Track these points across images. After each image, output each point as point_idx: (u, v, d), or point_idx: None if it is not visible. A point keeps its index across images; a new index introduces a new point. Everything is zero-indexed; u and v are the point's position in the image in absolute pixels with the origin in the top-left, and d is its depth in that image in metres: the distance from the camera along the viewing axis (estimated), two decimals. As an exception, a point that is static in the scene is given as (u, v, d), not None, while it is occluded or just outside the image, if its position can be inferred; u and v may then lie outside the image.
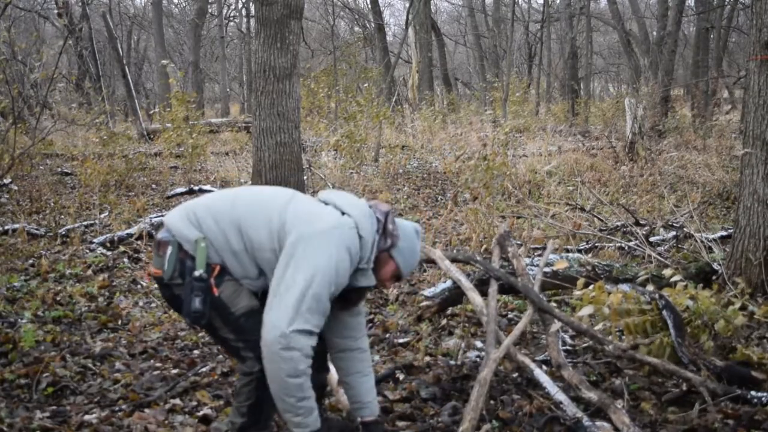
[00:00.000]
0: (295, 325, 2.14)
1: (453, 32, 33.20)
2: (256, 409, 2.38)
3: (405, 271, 2.46)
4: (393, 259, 2.42)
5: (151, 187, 9.13)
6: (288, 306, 2.16)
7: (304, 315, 2.15)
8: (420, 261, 2.66)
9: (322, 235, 2.24)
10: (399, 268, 2.43)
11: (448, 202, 7.70)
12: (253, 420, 2.40)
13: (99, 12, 18.90)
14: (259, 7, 6.25)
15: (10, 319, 4.05)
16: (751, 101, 4.24)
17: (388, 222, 2.41)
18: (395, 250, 2.41)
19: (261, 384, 2.31)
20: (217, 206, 2.36)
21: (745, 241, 4.27)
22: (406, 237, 2.43)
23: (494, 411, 2.89)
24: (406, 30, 20.70)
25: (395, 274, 2.46)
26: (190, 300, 2.25)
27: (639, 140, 10.39)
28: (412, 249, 2.45)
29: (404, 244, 2.42)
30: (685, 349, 3.14)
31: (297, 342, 2.14)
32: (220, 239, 2.30)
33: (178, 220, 2.36)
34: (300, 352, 2.15)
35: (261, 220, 2.30)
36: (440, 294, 4.08)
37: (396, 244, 2.41)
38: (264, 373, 2.29)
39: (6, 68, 9.28)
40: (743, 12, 19.32)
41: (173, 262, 2.29)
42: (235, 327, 2.33)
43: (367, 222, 2.34)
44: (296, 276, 2.18)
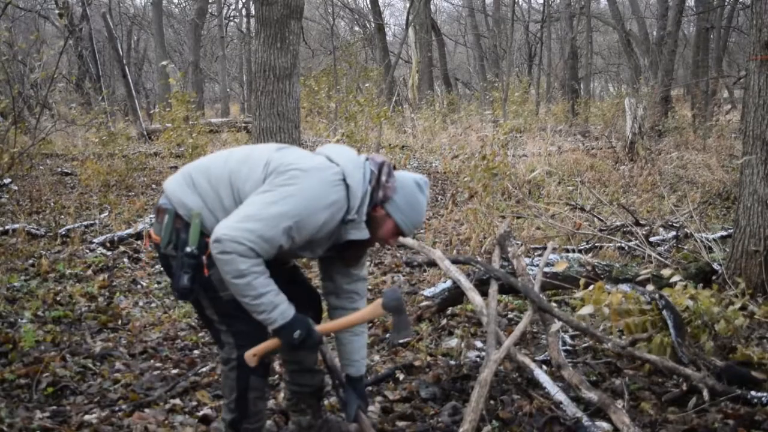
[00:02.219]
0: (232, 234, 2.10)
1: (453, 32, 33.21)
2: (241, 401, 2.39)
3: (405, 228, 2.33)
4: (390, 215, 2.31)
5: (151, 187, 9.13)
6: (236, 216, 2.14)
7: (246, 230, 2.10)
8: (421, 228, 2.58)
9: (300, 172, 2.19)
10: (397, 224, 2.32)
11: (448, 202, 7.70)
12: (242, 413, 2.40)
13: (99, 12, 18.89)
14: (259, 7, 6.25)
15: (10, 319, 4.05)
16: (751, 101, 4.24)
17: (381, 173, 2.30)
18: (390, 204, 2.30)
19: (241, 372, 2.34)
20: (211, 165, 2.35)
21: (745, 241, 4.27)
22: (404, 190, 2.31)
23: (494, 411, 2.89)
24: (406, 30, 20.71)
25: (395, 231, 2.34)
26: (180, 275, 2.24)
27: (639, 140, 10.39)
28: (411, 204, 2.32)
29: (401, 198, 2.30)
30: (685, 349, 3.14)
31: (230, 247, 2.10)
32: (213, 198, 2.27)
33: (175, 184, 2.34)
34: (235, 254, 2.10)
35: (251, 169, 2.26)
36: (440, 294, 4.08)
37: (390, 198, 2.29)
38: (242, 359, 2.33)
39: (6, 68, 9.28)
40: (743, 12, 19.31)
41: (169, 231, 2.28)
42: (221, 311, 2.33)
43: (356, 171, 2.25)
44: (259, 197, 2.17)
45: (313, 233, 2.21)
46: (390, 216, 2.31)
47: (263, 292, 2.15)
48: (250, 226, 2.11)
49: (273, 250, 2.16)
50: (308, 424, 2.68)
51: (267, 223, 2.12)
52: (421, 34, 19.85)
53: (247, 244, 2.10)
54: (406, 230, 2.34)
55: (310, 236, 2.21)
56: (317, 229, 2.20)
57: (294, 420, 2.72)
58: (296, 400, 2.69)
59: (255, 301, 2.16)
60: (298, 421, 2.70)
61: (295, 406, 2.70)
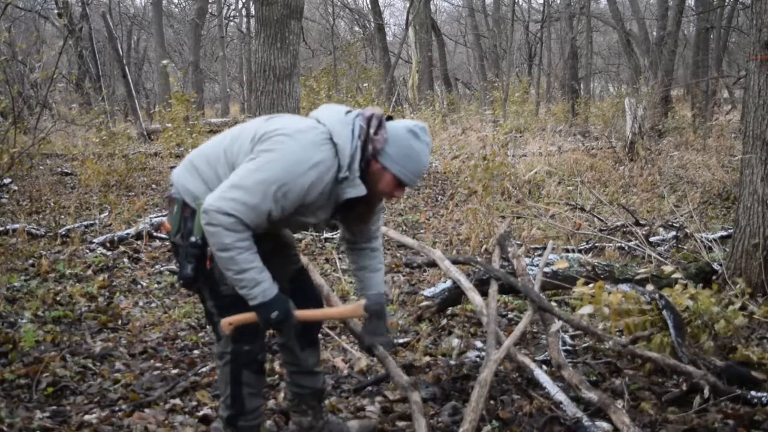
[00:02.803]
0: (218, 204, 2.10)
1: (453, 32, 33.20)
2: (236, 397, 2.41)
3: (404, 178, 2.27)
4: (385, 168, 2.25)
5: (151, 187, 9.13)
6: (223, 186, 2.15)
7: (231, 199, 2.11)
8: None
9: (284, 136, 2.18)
10: (395, 175, 2.26)
11: (448, 202, 7.70)
12: (238, 409, 2.42)
13: (99, 12, 18.89)
14: (259, 7, 6.25)
15: (10, 319, 4.05)
16: (751, 101, 4.24)
17: (370, 126, 2.24)
18: (384, 157, 2.24)
19: (234, 366, 2.37)
20: (209, 147, 2.36)
21: (745, 241, 4.27)
22: (396, 140, 2.24)
23: (494, 411, 2.89)
24: (406, 30, 20.71)
25: (395, 183, 2.28)
26: (184, 265, 2.27)
27: (639, 140, 10.39)
28: (405, 153, 2.24)
29: (394, 148, 2.24)
30: (685, 349, 3.14)
31: (216, 219, 2.10)
32: (214, 180, 2.27)
33: (179, 173, 2.36)
34: (222, 227, 2.10)
35: (242, 143, 2.27)
36: (440, 294, 4.08)
37: (382, 150, 2.24)
38: (235, 353, 2.35)
39: (6, 68, 9.28)
40: (743, 12, 19.30)
41: (177, 220, 2.30)
42: (220, 304, 2.35)
43: (343, 128, 2.23)
44: (244, 166, 2.17)
45: (302, 196, 2.18)
46: (386, 169, 2.26)
47: (246, 267, 2.16)
48: (235, 195, 2.11)
49: (261, 219, 2.15)
50: (309, 424, 2.68)
51: (251, 189, 2.11)
52: (421, 34, 19.84)
53: (233, 214, 2.10)
54: (405, 180, 2.28)
55: (300, 200, 2.18)
56: (305, 191, 2.17)
57: (295, 420, 2.72)
58: (297, 401, 2.69)
59: (237, 275, 2.17)
60: (299, 421, 2.70)
61: (297, 407, 2.71)
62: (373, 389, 3.20)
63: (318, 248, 5.96)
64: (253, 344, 2.39)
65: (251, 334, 2.38)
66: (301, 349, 2.62)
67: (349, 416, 2.93)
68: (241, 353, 2.39)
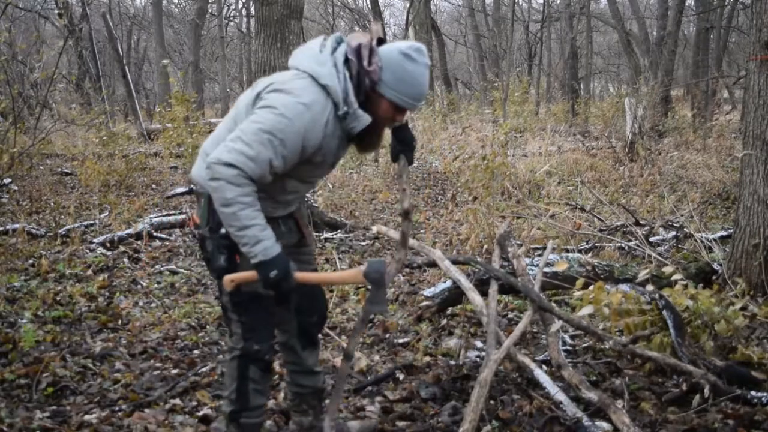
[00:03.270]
0: (219, 155, 2.12)
1: (453, 32, 33.20)
2: (241, 392, 2.42)
3: (402, 103, 2.25)
4: (382, 95, 2.23)
5: (151, 187, 9.13)
6: (225, 143, 2.16)
7: (231, 150, 2.12)
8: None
9: (276, 91, 2.19)
10: (394, 102, 2.23)
11: (448, 202, 7.70)
12: (242, 404, 2.43)
13: (99, 12, 18.90)
14: (259, 7, 6.25)
15: (10, 319, 4.05)
16: (751, 101, 4.24)
17: (362, 59, 2.21)
18: (380, 86, 2.21)
19: (242, 362, 2.39)
20: (216, 132, 2.38)
21: (745, 241, 4.27)
22: (390, 66, 2.20)
23: (494, 411, 2.89)
24: (406, 30, 20.68)
25: (394, 108, 2.26)
26: (217, 256, 2.29)
27: (639, 140, 10.39)
28: (400, 78, 2.21)
29: (388, 74, 2.20)
30: (685, 349, 3.14)
31: (218, 172, 2.11)
32: None
33: (197, 167, 2.37)
34: (224, 181, 2.11)
35: (241, 111, 2.29)
36: (440, 294, 4.09)
37: (378, 79, 2.21)
38: (245, 350, 2.37)
39: (6, 68, 9.28)
40: (743, 12, 19.30)
41: (205, 212, 2.31)
42: (236, 300, 2.36)
43: (324, 68, 2.20)
44: (246, 120, 2.19)
45: (301, 142, 2.16)
46: (382, 96, 2.23)
47: (247, 224, 2.15)
48: (235, 146, 2.12)
49: (263, 170, 2.14)
50: (310, 424, 2.68)
51: (250, 140, 2.12)
52: (421, 34, 19.82)
53: (234, 164, 2.10)
54: (403, 105, 2.25)
55: (301, 146, 2.17)
56: (301, 136, 2.15)
57: (295, 420, 2.72)
58: (298, 401, 2.70)
59: (239, 232, 2.16)
60: (299, 421, 2.70)
61: (297, 407, 2.71)
62: (373, 389, 3.20)
63: (318, 248, 5.96)
64: (263, 344, 2.40)
65: (263, 334, 2.40)
66: (302, 348, 2.63)
67: (349, 416, 2.93)
68: (250, 351, 2.40)
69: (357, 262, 5.61)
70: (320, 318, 2.66)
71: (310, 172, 2.35)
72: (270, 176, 2.19)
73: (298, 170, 2.29)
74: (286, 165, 2.20)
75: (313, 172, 2.37)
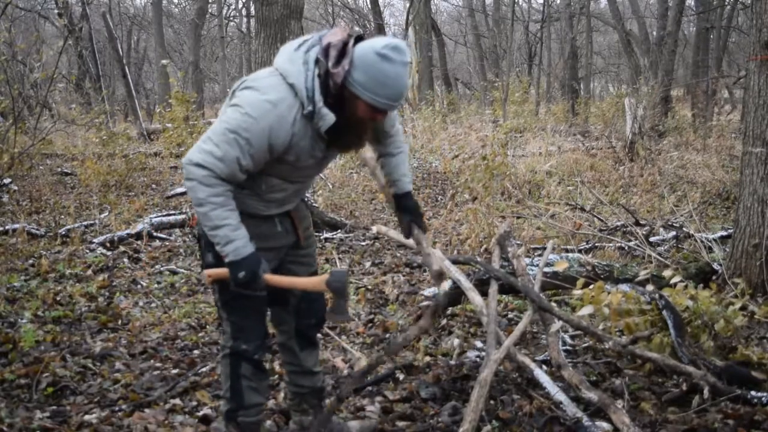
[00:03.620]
0: (190, 156, 2.16)
1: (453, 32, 33.21)
2: (235, 390, 2.44)
3: (378, 105, 2.16)
4: (357, 96, 2.15)
5: (151, 187, 9.13)
6: (197, 143, 2.20)
7: (201, 150, 2.15)
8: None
9: (246, 89, 2.21)
10: (368, 103, 2.15)
11: (448, 202, 7.70)
12: (237, 403, 2.45)
13: (99, 12, 18.90)
14: (259, 7, 6.25)
15: (10, 319, 4.05)
16: (751, 101, 4.24)
17: (329, 59, 2.15)
18: (352, 85, 2.14)
19: (233, 360, 2.42)
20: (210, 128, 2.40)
21: (745, 241, 4.27)
22: (363, 66, 2.12)
23: (494, 411, 2.89)
24: (406, 30, 20.69)
25: (371, 109, 2.18)
26: (205, 253, 2.34)
27: (639, 140, 10.39)
28: (374, 78, 2.12)
29: (361, 74, 2.12)
30: (685, 349, 3.14)
31: (190, 172, 2.15)
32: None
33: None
34: (196, 182, 2.15)
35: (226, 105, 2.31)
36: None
37: (348, 77, 2.13)
38: (233, 350, 2.40)
39: (6, 68, 9.28)
40: (743, 12, 19.30)
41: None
42: (224, 298, 2.39)
43: (292, 66, 2.18)
44: (214, 124, 2.22)
45: (267, 141, 2.15)
46: (358, 97, 2.16)
47: (219, 224, 2.18)
48: (205, 146, 2.16)
49: (232, 169, 2.16)
50: (310, 424, 2.68)
51: (218, 140, 2.14)
52: (421, 34, 19.84)
53: (204, 165, 2.13)
54: (380, 106, 2.17)
55: (268, 145, 2.15)
56: (267, 135, 2.14)
57: (296, 420, 2.72)
58: (298, 400, 2.70)
59: (211, 231, 2.20)
60: (299, 420, 2.71)
61: (298, 406, 2.71)
62: (373, 389, 3.20)
63: (318, 248, 5.96)
64: (250, 344, 2.41)
65: (251, 334, 2.41)
66: (300, 349, 2.63)
67: (349, 416, 2.93)
68: (239, 350, 2.41)
69: (357, 262, 5.61)
70: (318, 320, 2.66)
71: (291, 171, 2.32)
72: (242, 174, 2.20)
73: (277, 169, 2.28)
74: (256, 164, 2.19)
75: (295, 172, 2.33)
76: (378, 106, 2.17)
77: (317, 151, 2.29)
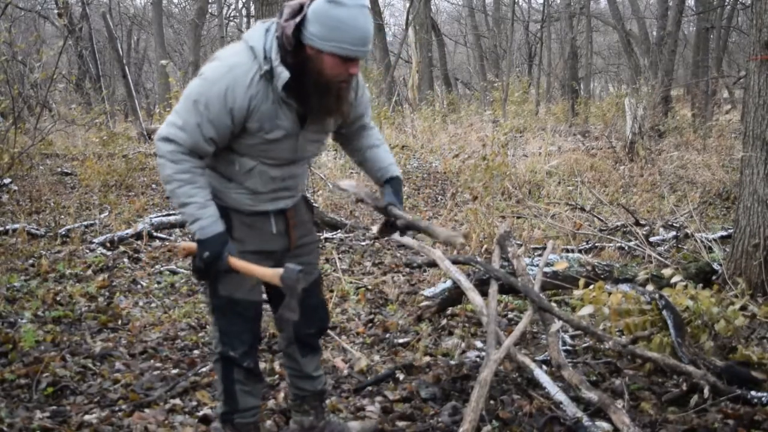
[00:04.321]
0: (160, 132, 2.19)
1: (453, 32, 33.21)
2: (228, 394, 2.43)
3: (342, 52, 2.08)
4: (321, 51, 2.09)
5: (151, 187, 9.13)
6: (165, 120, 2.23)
7: (169, 125, 2.18)
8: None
9: (211, 60, 2.22)
10: (333, 53, 2.08)
11: (448, 202, 7.70)
12: (231, 405, 2.44)
13: (99, 12, 18.90)
14: (259, 7, 6.25)
15: (10, 319, 4.05)
16: (751, 101, 4.24)
17: (282, 15, 2.14)
18: (310, 39, 2.08)
19: (225, 364, 2.41)
20: None
21: (745, 241, 4.27)
22: (316, 17, 2.06)
23: (494, 411, 2.88)
24: (406, 30, 20.71)
25: (338, 60, 2.10)
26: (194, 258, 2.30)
27: (639, 140, 10.39)
28: (331, 26, 2.05)
29: (316, 26, 2.06)
30: (685, 349, 3.14)
31: (159, 149, 2.18)
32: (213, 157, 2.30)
33: None
34: (164, 159, 2.17)
35: None
36: (440, 294, 4.08)
37: (305, 32, 2.09)
38: (223, 354, 2.39)
39: (6, 68, 9.28)
40: (743, 12, 19.31)
41: None
42: (214, 303, 2.39)
43: (255, 32, 2.19)
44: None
45: (226, 103, 2.13)
46: (321, 51, 2.09)
47: (186, 202, 2.19)
48: (171, 119, 2.19)
49: (195, 139, 2.15)
50: (310, 424, 2.68)
51: (180, 110, 2.17)
52: (421, 34, 19.85)
53: (170, 138, 2.16)
54: (345, 53, 2.08)
55: (227, 108, 2.13)
56: (223, 97, 2.12)
57: (296, 419, 2.72)
58: (299, 402, 2.70)
59: (179, 209, 2.22)
60: (300, 421, 2.70)
61: (299, 407, 2.71)
62: (373, 389, 3.20)
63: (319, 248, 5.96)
64: (236, 350, 2.39)
65: (238, 341, 2.39)
66: (301, 355, 2.61)
67: (349, 416, 2.93)
68: (227, 357, 2.40)
69: (357, 262, 5.61)
70: (318, 330, 2.62)
71: (264, 149, 2.25)
72: (207, 145, 2.18)
73: (247, 145, 2.23)
74: (220, 133, 2.18)
75: (268, 149, 2.25)
76: (341, 53, 2.08)
77: (283, 120, 2.22)
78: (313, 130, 2.33)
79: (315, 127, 2.33)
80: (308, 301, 2.49)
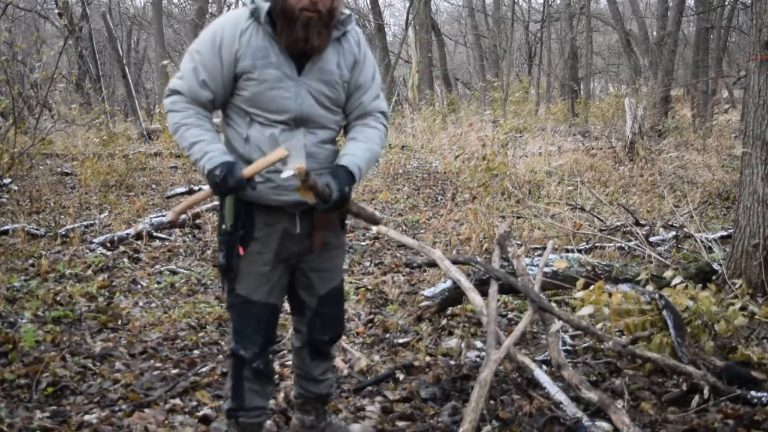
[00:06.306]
0: (167, 88, 2.31)
1: (453, 32, 33.20)
2: (236, 391, 2.44)
3: None
4: None
5: (151, 187, 9.13)
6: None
7: (174, 79, 2.30)
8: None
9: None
10: None
11: (448, 202, 7.70)
12: (238, 402, 2.45)
13: (99, 12, 18.90)
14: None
15: (10, 319, 4.05)
16: (751, 101, 4.24)
17: None
18: None
19: (235, 362, 2.42)
20: None
21: (745, 241, 4.27)
22: None
23: (494, 411, 2.89)
24: (406, 30, 20.70)
25: None
26: (218, 253, 2.34)
27: (639, 140, 10.40)
28: None
29: None
30: (685, 349, 3.14)
31: (166, 103, 2.31)
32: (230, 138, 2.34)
33: None
34: (170, 110, 2.29)
35: None
36: (440, 294, 4.08)
37: None
38: (234, 351, 2.41)
39: (6, 68, 9.28)
40: (743, 12, 19.32)
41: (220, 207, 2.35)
42: (230, 301, 2.40)
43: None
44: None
45: (216, 44, 2.21)
46: None
47: (193, 141, 2.23)
48: (176, 75, 2.31)
49: (190, 84, 2.25)
50: (311, 423, 2.68)
51: (183, 61, 2.30)
52: (421, 34, 19.84)
53: (171, 88, 2.28)
54: None
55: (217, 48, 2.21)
56: (213, 38, 2.22)
57: (297, 417, 2.72)
58: (302, 401, 2.70)
59: (188, 151, 2.26)
60: (301, 419, 2.70)
61: (301, 406, 2.71)
62: (373, 389, 3.20)
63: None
64: (247, 351, 2.38)
65: (249, 341, 2.39)
66: (311, 359, 2.60)
67: (349, 416, 2.93)
68: (238, 356, 2.41)
69: (357, 262, 5.61)
70: (332, 338, 2.59)
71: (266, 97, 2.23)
72: (204, 91, 2.24)
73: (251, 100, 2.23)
74: (211, 76, 2.23)
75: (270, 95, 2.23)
76: None
77: (274, 57, 2.22)
78: (313, 78, 2.27)
79: (314, 76, 2.28)
80: (326, 309, 2.49)
